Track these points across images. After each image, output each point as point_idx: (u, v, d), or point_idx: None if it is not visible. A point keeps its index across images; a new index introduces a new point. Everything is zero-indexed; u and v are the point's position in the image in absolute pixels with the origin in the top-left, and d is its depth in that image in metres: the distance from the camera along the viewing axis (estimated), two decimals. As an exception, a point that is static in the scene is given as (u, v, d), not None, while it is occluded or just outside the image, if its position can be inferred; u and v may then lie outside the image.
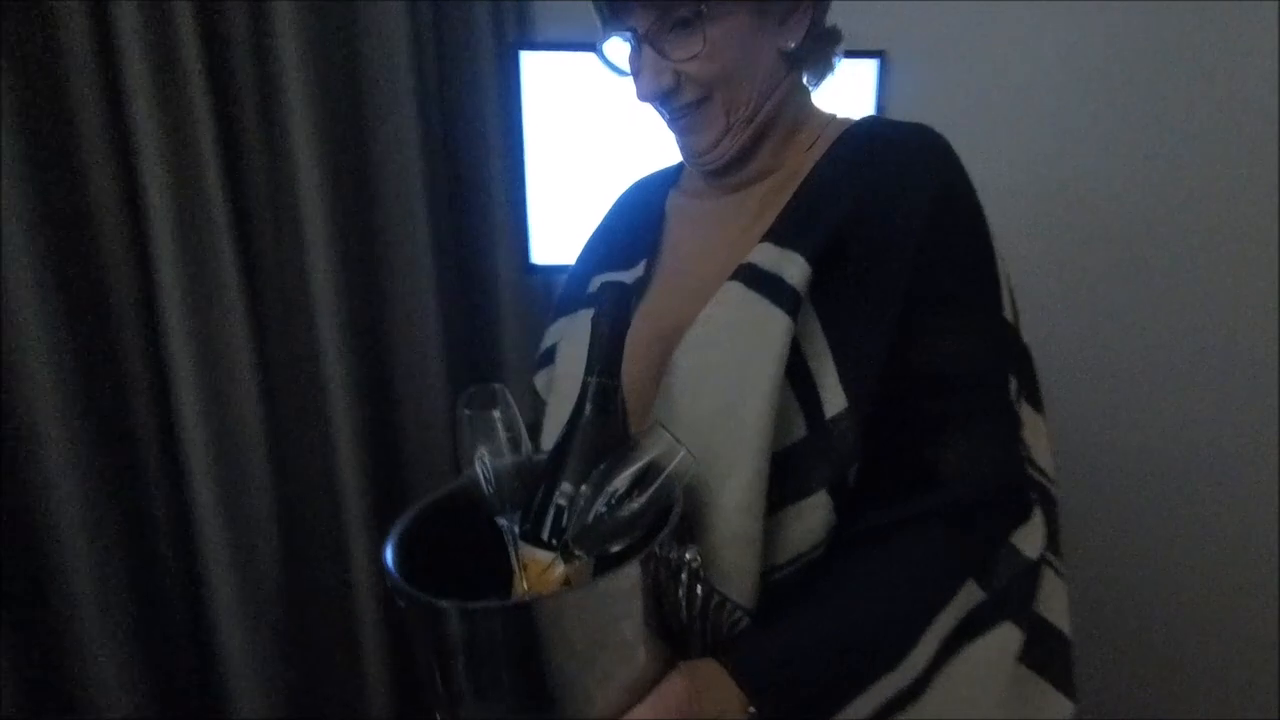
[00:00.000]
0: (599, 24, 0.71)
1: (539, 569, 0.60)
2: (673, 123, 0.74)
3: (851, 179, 0.69)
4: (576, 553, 0.56)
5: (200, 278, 1.18)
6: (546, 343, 0.89)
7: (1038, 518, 0.70)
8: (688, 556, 0.57)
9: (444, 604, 0.51)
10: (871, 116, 0.77)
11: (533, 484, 0.63)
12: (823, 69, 0.77)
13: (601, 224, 0.94)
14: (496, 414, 0.67)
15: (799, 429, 0.65)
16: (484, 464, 0.63)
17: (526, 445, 0.67)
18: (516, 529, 0.63)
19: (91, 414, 1.15)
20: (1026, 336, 0.76)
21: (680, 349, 0.68)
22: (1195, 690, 1.63)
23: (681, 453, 0.57)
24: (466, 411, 0.66)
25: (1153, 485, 1.58)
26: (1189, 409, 1.53)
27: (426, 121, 1.41)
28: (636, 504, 0.56)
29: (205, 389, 1.24)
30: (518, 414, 0.67)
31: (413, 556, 0.64)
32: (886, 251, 0.65)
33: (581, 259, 0.91)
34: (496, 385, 0.68)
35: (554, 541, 0.60)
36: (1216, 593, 1.57)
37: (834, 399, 0.64)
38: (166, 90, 1.10)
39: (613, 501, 0.56)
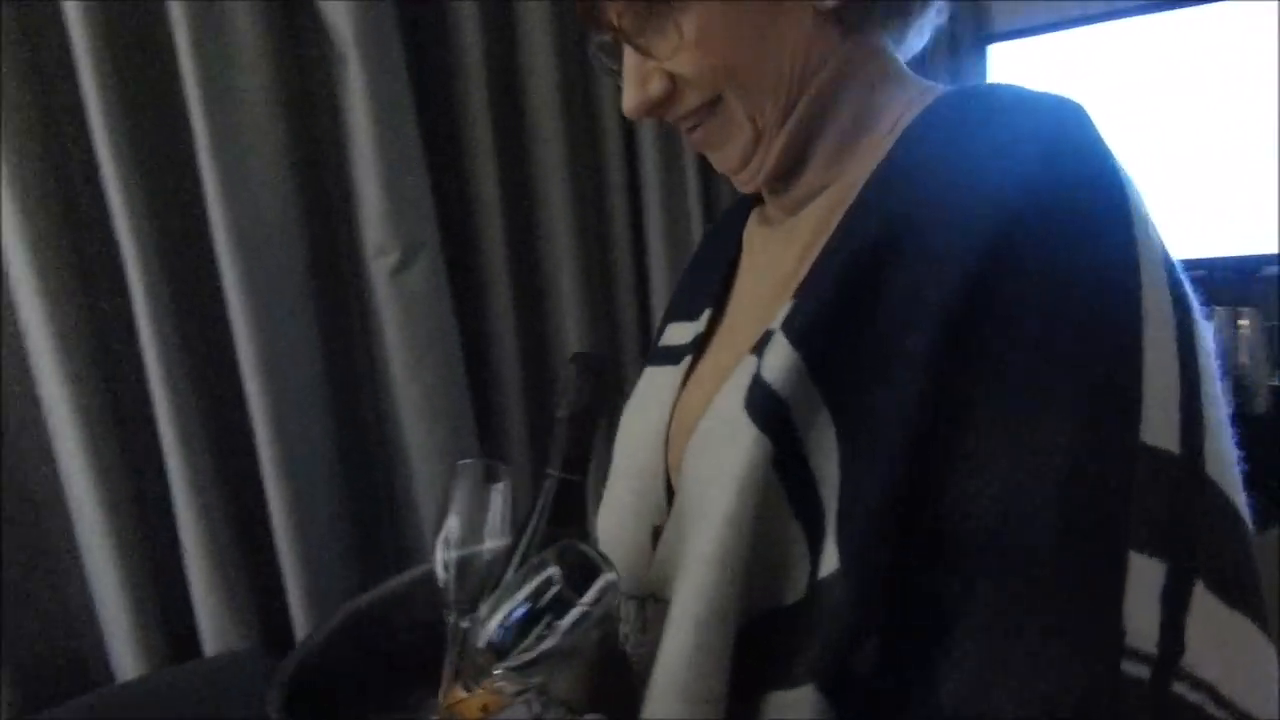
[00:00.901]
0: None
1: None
2: (688, 135, 0.57)
3: (894, 192, 0.48)
4: (468, 682, 0.48)
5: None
6: None
7: None
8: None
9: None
10: (973, 86, 0.53)
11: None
12: (906, 17, 0.54)
13: (694, 253, 0.78)
14: (497, 488, 0.60)
15: (799, 587, 0.46)
16: (446, 550, 0.57)
17: (506, 533, 0.59)
18: (463, 629, 0.56)
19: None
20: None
21: (687, 449, 0.53)
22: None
23: (603, 579, 0.45)
24: (461, 483, 0.60)
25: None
26: None
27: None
28: (550, 640, 0.46)
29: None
30: (509, 497, 0.60)
31: (372, 639, 0.60)
32: (912, 312, 0.43)
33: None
34: (499, 463, 0.61)
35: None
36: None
37: (830, 551, 0.44)
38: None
39: (509, 628, 0.46)
